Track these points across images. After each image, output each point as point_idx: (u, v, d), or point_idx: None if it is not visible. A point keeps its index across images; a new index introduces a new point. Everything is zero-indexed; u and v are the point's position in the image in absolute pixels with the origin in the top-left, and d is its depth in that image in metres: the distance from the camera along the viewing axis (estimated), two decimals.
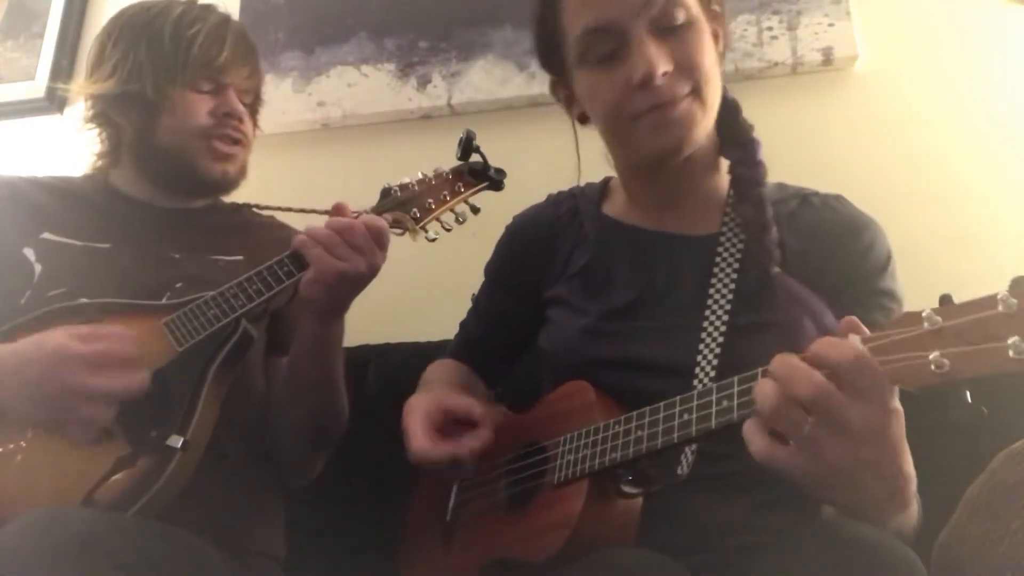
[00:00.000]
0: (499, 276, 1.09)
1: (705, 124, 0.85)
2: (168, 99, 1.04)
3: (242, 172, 1.12)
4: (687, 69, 0.82)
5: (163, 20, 1.05)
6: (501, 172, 1.03)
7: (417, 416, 0.88)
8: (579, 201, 1.02)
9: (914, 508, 0.67)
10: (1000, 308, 0.50)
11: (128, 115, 1.07)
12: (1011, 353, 0.49)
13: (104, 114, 1.10)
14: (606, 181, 1.04)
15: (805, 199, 0.90)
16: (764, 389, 0.59)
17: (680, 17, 0.82)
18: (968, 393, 0.53)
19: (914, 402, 0.55)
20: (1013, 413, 0.92)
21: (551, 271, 0.99)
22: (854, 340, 0.57)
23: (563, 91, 0.96)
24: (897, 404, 0.58)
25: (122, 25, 1.08)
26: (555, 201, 1.05)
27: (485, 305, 1.11)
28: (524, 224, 1.06)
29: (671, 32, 0.82)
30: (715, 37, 0.87)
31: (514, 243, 1.07)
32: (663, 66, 0.80)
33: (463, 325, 1.14)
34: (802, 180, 0.94)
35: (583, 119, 0.96)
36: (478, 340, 1.11)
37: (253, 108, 1.16)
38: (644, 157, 0.87)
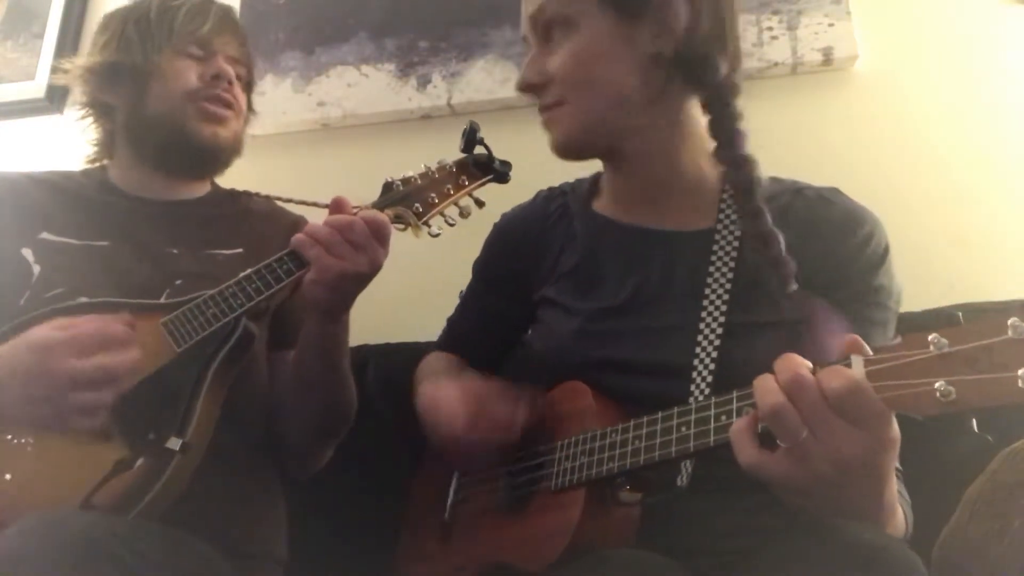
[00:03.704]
0: (487, 275, 1.07)
1: (585, 121, 0.87)
2: (157, 66, 1.06)
3: (236, 141, 1.13)
4: (560, 79, 0.86)
5: (148, 3, 1.10)
6: (506, 164, 1.00)
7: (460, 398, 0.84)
8: (569, 198, 1.00)
9: (898, 529, 0.67)
10: (1010, 333, 0.49)
11: (119, 91, 1.10)
12: (1020, 384, 0.48)
13: (97, 101, 1.12)
14: (597, 177, 1.02)
15: (799, 192, 0.89)
16: (767, 387, 0.58)
17: (554, 21, 0.86)
18: (975, 421, 0.52)
19: (917, 425, 0.54)
20: (1013, 413, 0.92)
21: (541, 271, 0.98)
22: (857, 363, 0.56)
23: None
24: (894, 433, 0.57)
25: (111, 16, 1.14)
26: (545, 198, 1.03)
27: (474, 303, 1.09)
28: (513, 222, 1.05)
29: (547, 37, 0.87)
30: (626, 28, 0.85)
31: (502, 242, 1.05)
32: (528, 78, 0.88)
33: (451, 321, 1.13)
34: (802, 180, 0.93)
35: None
36: (467, 336, 1.09)
37: (246, 83, 1.17)
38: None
